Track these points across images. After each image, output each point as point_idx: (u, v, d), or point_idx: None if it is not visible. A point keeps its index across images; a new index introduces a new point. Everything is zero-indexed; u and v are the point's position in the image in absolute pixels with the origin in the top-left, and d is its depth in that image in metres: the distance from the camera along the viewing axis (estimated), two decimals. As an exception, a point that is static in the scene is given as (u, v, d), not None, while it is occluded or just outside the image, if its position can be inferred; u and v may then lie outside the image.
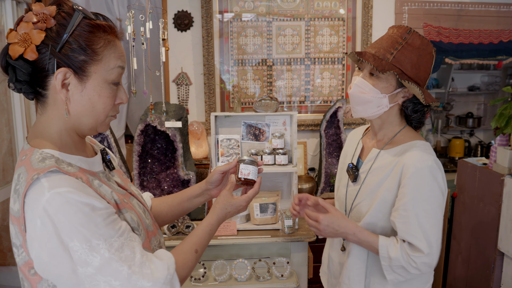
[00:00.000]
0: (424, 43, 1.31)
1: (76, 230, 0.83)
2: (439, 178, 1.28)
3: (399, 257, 1.26)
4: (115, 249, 0.86)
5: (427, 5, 3.26)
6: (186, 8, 3.11)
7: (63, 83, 0.90)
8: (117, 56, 0.94)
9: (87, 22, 0.90)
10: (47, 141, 0.93)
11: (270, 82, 3.24)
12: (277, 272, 2.05)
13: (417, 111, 1.37)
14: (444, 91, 4.34)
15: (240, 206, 1.15)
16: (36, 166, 0.87)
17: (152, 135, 2.35)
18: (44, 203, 0.83)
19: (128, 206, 0.99)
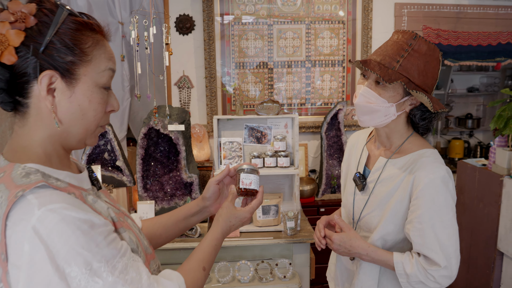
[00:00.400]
0: (430, 49, 1.27)
1: (74, 252, 0.71)
2: (451, 187, 1.26)
3: (416, 273, 1.23)
4: (119, 271, 0.76)
5: (427, 8, 3.29)
6: (188, 12, 3.14)
7: (49, 88, 0.79)
8: (107, 57, 0.85)
9: (72, 19, 0.80)
10: (29, 155, 0.81)
11: (271, 84, 3.27)
12: (279, 273, 2.07)
13: (425, 118, 1.33)
14: (443, 92, 4.37)
15: (245, 218, 1.07)
16: (19, 182, 0.74)
17: (155, 138, 2.38)
18: (35, 223, 0.70)
19: (125, 225, 0.88)
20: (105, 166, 2.34)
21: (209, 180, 1.17)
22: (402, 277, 1.25)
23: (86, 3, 3.10)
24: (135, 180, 2.37)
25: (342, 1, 3.20)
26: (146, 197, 2.34)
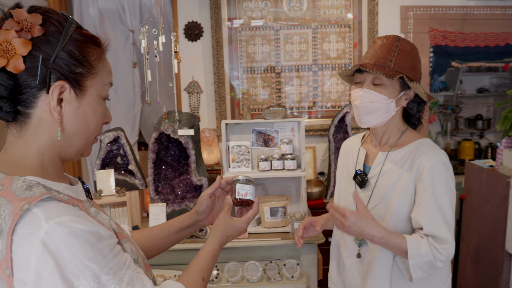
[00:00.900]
0: (413, 47, 1.40)
1: (83, 265, 0.71)
2: (450, 170, 1.37)
3: (428, 252, 1.28)
4: (126, 284, 0.76)
5: (432, 10, 3.31)
6: (196, 19, 3.21)
7: (58, 99, 0.79)
8: (109, 71, 0.88)
9: (80, 32, 0.81)
10: (26, 167, 0.79)
11: (279, 88, 3.32)
12: (287, 273, 2.12)
13: (421, 110, 1.46)
14: (452, 93, 4.37)
15: (241, 228, 1.08)
16: (23, 196, 0.72)
17: (165, 143, 2.45)
18: (43, 237, 0.69)
19: (125, 236, 0.89)
20: (118, 170, 2.42)
21: (201, 194, 1.16)
22: (413, 258, 1.27)
23: (98, 11, 3.20)
24: (147, 183, 2.44)
25: (348, 5, 3.24)
26: (158, 199, 2.41)
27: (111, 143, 2.38)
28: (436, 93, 3.54)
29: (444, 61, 3.39)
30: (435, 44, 3.33)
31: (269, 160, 2.29)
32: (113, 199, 2.25)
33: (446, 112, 4.39)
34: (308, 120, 3.36)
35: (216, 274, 2.12)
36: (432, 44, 3.33)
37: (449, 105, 4.39)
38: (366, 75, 1.39)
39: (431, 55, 3.35)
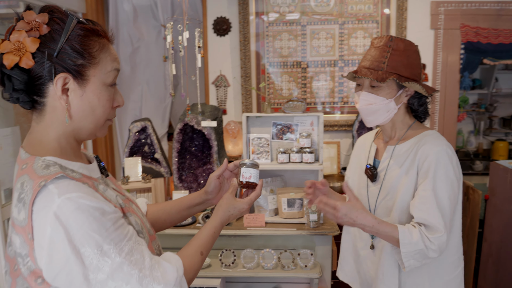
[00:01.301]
0: (407, 44, 1.43)
1: (88, 235, 0.82)
2: (454, 162, 1.37)
3: (419, 241, 1.29)
4: (126, 253, 0.86)
5: (465, 6, 3.25)
6: (225, 14, 3.31)
7: (63, 89, 0.89)
8: (112, 58, 0.95)
9: (81, 26, 0.90)
10: (46, 149, 0.91)
11: (305, 83, 3.36)
12: (301, 262, 2.18)
13: (423, 103, 1.50)
14: (487, 92, 4.25)
15: (243, 208, 1.16)
16: (41, 173, 0.85)
17: (190, 134, 2.56)
18: (56, 210, 0.81)
19: (131, 210, 0.99)
20: (145, 158, 2.56)
21: (210, 175, 1.26)
22: (405, 246, 1.30)
23: (132, 7, 3.36)
24: (172, 171, 2.56)
25: (376, 1, 3.23)
26: (181, 187, 2.53)
27: (139, 133, 2.52)
28: (466, 91, 3.47)
29: (476, 58, 3.32)
30: (466, 40, 3.26)
31: (287, 153, 2.36)
32: (139, 185, 2.39)
33: (479, 110, 4.28)
34: (333, 115, 3.39)
35: (233, 260, 2.22)
36: (464, 41, 3.26)
37: (483, 104, 4.27)
38: (364, 79, 1.46)
39: (462, 52, 3.29)
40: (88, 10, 3.05)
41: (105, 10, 3.37)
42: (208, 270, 2.21)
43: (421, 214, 1.33)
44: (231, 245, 2.33)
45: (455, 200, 1.38)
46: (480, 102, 4.28)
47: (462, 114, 3.35)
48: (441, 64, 3.29)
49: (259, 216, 2.29)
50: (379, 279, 1.47)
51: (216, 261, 2.27)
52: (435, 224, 1.31)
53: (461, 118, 3.37)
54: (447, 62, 3.29)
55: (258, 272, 2.17)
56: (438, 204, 1.33)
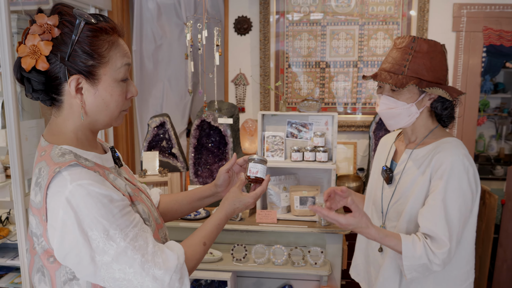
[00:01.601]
0: (431, 45, 1.36)
1: (96, 220, 0.87)
2: (470, 173, 1.31)
3: (423, 255, 1.26)
4: (130, 239, 0.91)
5: (488, 8, 3.20)
6: (246, 14, 3.36)
7: (77, 88, 0.95)
8: (122, 54, 0.98)
9: (89, 27, 0.93)
10: (64, 138, 0.98)
11: (323, 83, 3.38)
12: (311, 260, 2.22)
13: (447, 107, 1.43)
14: (510, 96, 4.17)
15: (248, 202, 1.19)
16: (56, 160, 0.91)
17: (207, 130, 2.63)
18: (67, 195, 0.87)
19: (139, 199, 1.05)
20: (162, 153, 2.64)
21: (219, 169, 1.30)
22: (408, 260, 1.28)
23: (156, 5, 3.45)
24: (188, 166, 2.63)
25: (397, 2, 3.22)
26: (196, 182, 2.60)
27: (158, 128, 2.60)
28: (487, 95, 3.42)
29: (498, 62, 3.27)
30: (489, 43, 3.21)
31: (301, 151, 2.39)
32: (156, 178, 2.47)
33: (502, 115, 4.20)
34: (350, 116, 3.40)
35: (244, 255, 2.27)
36: (486, 44, 3.22)
37: (505, 108, 4.19)
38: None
39: (484, 55, 3.24)
40: (113, 7, 3.15)
41: (130, 8, 3.48)
42: (220, 264, 2.27)
43: (427, 224, 1.30)
44: (243, 240, 2.38)
45: (466, 213, 1.32)
46: (503, 106, 4.21)
47: (482, 118, 3.31)
48: (462, 67, 3.26)
49: (271, 213, 2.33)
50: (379, 282, 1.47)
51: (227, 255, 2.33)
52: (441, 236, 1.28)
53: (481, 122, 3.33)
54: (468, 65, 3.25)
55: (268, 268, 2.22)
56: (447, 215, 1.29)
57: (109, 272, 0.89)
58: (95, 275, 0.90)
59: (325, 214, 1.28)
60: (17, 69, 0.94)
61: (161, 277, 0.93)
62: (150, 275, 0.91)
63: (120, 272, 0.90)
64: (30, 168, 2.22)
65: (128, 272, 0.90)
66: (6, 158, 2.45)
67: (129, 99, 1.04)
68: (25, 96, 2.34)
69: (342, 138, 3.44)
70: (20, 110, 2.25)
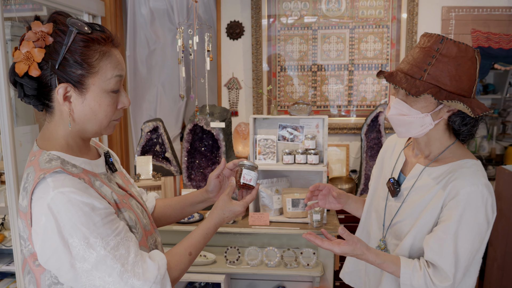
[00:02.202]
0: (461, 50, 1.17)
1: (76, 227, 0.88)
2: (489, 205, 1.18)
3: (421, 286, 1.20)
4: (111, 247, 0.91)
5: (476, 11, 3.26)
6: (238, 19, 3.40)
7: (65, 97, 0.95)
8: (114, 66, 0.98)
9: (81, 37, 0.94)
10: (54, 144, 0.99)
11: (315, 87, 3.42)
12: (303, 261, 2.25)
13: (467, 124, 1.24)
14: (500, 97, 4.22)
15: (238, 211, 1.18)
16: (43, 167, 0.92)
17: (200, 134, 2.66)
18: (49, 201, 0.88)
19: (127, 206, 1.04)
20: (156, 157, 2.66)
21: (209, 175, 1.29)
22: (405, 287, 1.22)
23: (149, 11, 3.48)
24: (181, 170, 2.66)
25: (386, 6, 3.27)
26: (190, 185, 2.62)
27: (151, 132, 2.63)
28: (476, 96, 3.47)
29: (487, 63, 3.32)
30: (477, 45, 3.26)
31: (293, 154, 2.43)
32: (149, 182, 2.50)
33: (492, 115, 4.25)
34: (342, 118, 3.44)
35: (237, 257, 2.29)
36: (474, 46, 3.26)
37: (496, 109, 4.25)
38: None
39: (473, 57, 3.29)
40: (107, 13, 3.18)
41: (123, 13, 3.51)
42: (213, 266, 2.29)
43: (433, 256, 1.21)
44: (236, 242, 2.41)
45: (478, 245, 1.21)
46: (493, 107, 4.26)
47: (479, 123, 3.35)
48: (452, 69, 3.30)
49: (264, 215, 2.36)
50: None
51: (221, 257, 2.35)
52: (445, 269, 1.18)
53: (471, 123, 3.37)
54: (458, 67, 3.29)
55: (261, 269, 2.25)
56: (456, 251, 1.18)
57: (89, 279, 0.90)
58: (76, 281, 0.91)
59: (319, 244, 1.24)
60: (11, 73, 0.96)
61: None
62: (129, 285, 0.91)
63: (100, 280, 0.90)
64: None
65: (107, 281, 0.90)
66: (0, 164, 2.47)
67: (120, 109, 1.04)
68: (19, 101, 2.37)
69: (334, 140, 3.48)
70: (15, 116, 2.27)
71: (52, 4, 2.52)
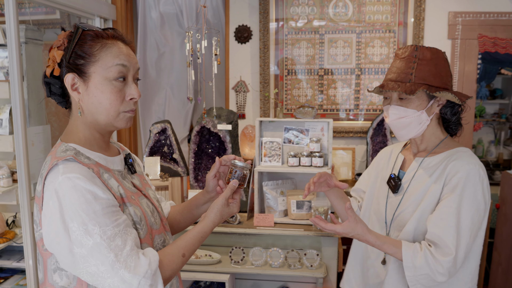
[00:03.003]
0: (434, 53, 1.37)
1: (76, 212, 0.93)
2: (485, 184, 1.30)
3: (423, 265, 1.24)
4: (107, 237, 0.94)
5: (483, 16, 3.27)
6: (246, 23, 3.45)
7: (74, 88, 1.04)
8: (115, 55, 1.04)
9: (85, 32, 1.04)
10: (73, 137, 1.07)
11: (321, 90, 3.46)
12: (307, 262, 2.28)
13: (456, 113, 1.41)
14: (507, 102, 4.22)
15: (234, 212, 1.21)
16: (58, 155, 1.00)
17: (207, 136, 2.70)
18: (56, 186, 0.94)
19: (135, 202, 1.08)
20: (164, 158, 2.72)
21: (206, 176, 1.30)
22: (409, 270, 1.27)
23: (159, 15, 3.55)
24: (188, 171, 2.71)
25: (393, 11, 3.30)
26: (197, 186, 2.67)
27: (159, 134, 2.69)
28: (483, 101, 3.48)
29: (493, 68, 3.33)
30: (484, 51, 3.28)
31: (298, 157, 2.46)
32: (157, 183, 2.55)
33: (500, 120, 4.25)
34: (348, 122, 3.47)
35: (242, 257, 2.33)
36: (481, 51, 3.28)
37: (503, 114, 4.24)
38: (391, 92, 1.39)
39: (479, 62, 3.30)
40: (118, 17, 3.25)
41: (134, 17, 3.58)
42: (218, 266, 2.33)
43: (436, 230, 1.28)
44: (241, 243, 2.45)
45: (478, 224, 1.30)
46: (501, 112, 4.26)
47: (479, 123, 3.36)
48: (458, 74, 3.32)
49: (268, 216, 2.40)
50: None
51: (226, 257, 2.40)
52: (447, 244, 1.25)
53: (477, 127, 3.38)
54: (464, 71, 3.31)
55: (265, 270, 2.28)
56: (458, 223, 1.26)
57: (86, 266, 0.93)
58: (74, 267, 0.95)
59: (323, 226, 1.31)
60: (43, 76, 1.08)
61: (129, 280, 0.94)
62: (119, 276, 0.94)
63: (95, 267, 0.93)
64: (36, 173, 2.30)
65: (101, 269, 0.93)
66: (13, 163, 2.54)
67: (130, 100, 1.08)
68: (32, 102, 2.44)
69: (341, 143, 3.51)
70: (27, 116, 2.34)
71: (65, 8, 2.59)
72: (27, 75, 2.41)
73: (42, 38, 2.61)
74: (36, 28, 2.56)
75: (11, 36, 2.11)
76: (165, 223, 1.22)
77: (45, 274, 1.03)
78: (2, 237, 2.50)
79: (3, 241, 2.48)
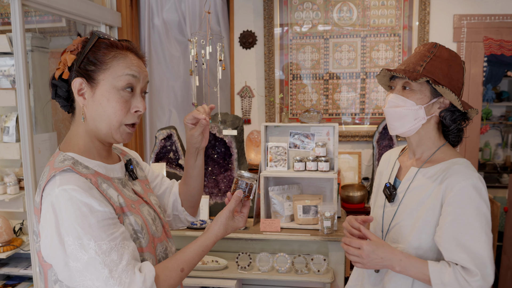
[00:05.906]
0: (452, 55, 1.31)
1: (72, 226, 0.91)
2: (483, 194, 1.26)
3: (453, 282, 1.19)
4: (102, 252, 0.92)
5: (488, 19, 3.26)
6: (251, 28, 3.46)
7: (81, 93, 1.03)
8: (126, 65, 1.04)
9: (100, 41, 1.04)
10: (72, 146, 1.06)
11: (327, 95, 3.45)
12: (314, 267, 2.26)
13: (456, 120, 1.34)
14: (514, 104, 4.19)
15: (239, 226, 1.16)
16: (56, 166, 0.98)
17: (212, 141, 2.71)
18: (53, 198, 0.93)
19: (135, 211, 1.06)
20: (169, 164, 2.72)
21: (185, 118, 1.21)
22: (438, 287, 1.21)
23: (162, 22, 3.57)
24: (194, 177, 2.71)
25: (398, 15, 3.30)
26: (202, 192, 2.67)
27: (165, 140, 2.69)
28: (489, 103, 3.45)
29: (500, 71, 3.31)
30: (489, 53, 3.26)
31: (303, 161, 2.45)
32: (163, 188, 2.55)
33: (507, 123, 4.22)
34: (354, 126, 3.46)
35: (249, 263, 2.32)
36: (487, 54, 3.26)
37: (510, 116, 4.21)
38: (397, 81, 1.35)
39: (485, 65, 3.29)
40: (123, 24, 3.28)
41: (138, 24, 3.60)
42: (225, 272, 2.32)
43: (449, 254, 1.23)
44: (248, 248, 2.44)
45: (490, 233, 1.24)
46: (508, 115, 4.22)
47: (485, 126, 3.34)
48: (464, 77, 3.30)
49: (275, 222, 2.39)
50: None
51: (232, 263, 2.38)
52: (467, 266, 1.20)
53: (484, 130, 3.36)
54: (470, 74, 3.29)
55: (272, 275, 2.27)
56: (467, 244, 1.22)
57: (82, 279, 0.92)
58: (70, 280, 0.94)
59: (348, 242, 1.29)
60: (51, 78, 1.08)
61: None
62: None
63: (90, 282, 0.92)
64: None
65: (96, 284, 0.92)
66: (20, 171, 2.56)
67: (134, 113, 1.07)
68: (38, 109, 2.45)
69: (346, 148, 3.50)
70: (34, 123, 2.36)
71: (70, 16, 2.61)
72: (33, 83, 2.42)
73: (48, 46, 2.64)
74: (42, 36, 2.58)
75: (17, 44, 2.13)
76: (167, 229, 1.21)
77: (46, 285, 1.03)
78: (9, 244, 2.51)
79: (10, 248, 2.49)
